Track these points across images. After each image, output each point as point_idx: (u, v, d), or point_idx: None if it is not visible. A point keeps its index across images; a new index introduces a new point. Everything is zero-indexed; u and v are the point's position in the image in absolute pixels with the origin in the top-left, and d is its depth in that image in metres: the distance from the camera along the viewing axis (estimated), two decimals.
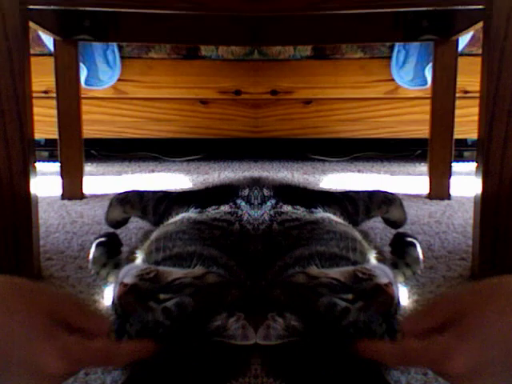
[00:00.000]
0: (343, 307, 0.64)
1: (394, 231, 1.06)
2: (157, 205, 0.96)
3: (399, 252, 0.95)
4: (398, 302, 0.70)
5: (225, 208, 0.87)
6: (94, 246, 0.96)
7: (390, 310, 0.66)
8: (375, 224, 1.14)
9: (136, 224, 1.16)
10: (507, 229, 0.94)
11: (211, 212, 0.86)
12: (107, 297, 0.86)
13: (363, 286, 0.66)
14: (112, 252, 0.96)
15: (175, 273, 0.70)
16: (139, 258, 0.81)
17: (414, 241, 0.95)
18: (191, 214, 0.87)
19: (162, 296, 0.66)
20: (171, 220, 0.89)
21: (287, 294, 0.70)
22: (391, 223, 1.02)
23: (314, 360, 0.62)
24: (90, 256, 0.95)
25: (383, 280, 0.67)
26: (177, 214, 0.90)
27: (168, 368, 0.61)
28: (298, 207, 0.87)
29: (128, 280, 0.68)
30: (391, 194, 1.02)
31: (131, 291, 0.67)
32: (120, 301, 0.67)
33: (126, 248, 0.97)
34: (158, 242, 0.80)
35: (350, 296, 0.66)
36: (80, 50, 1.54)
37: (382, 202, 0.99)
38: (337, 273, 0.69)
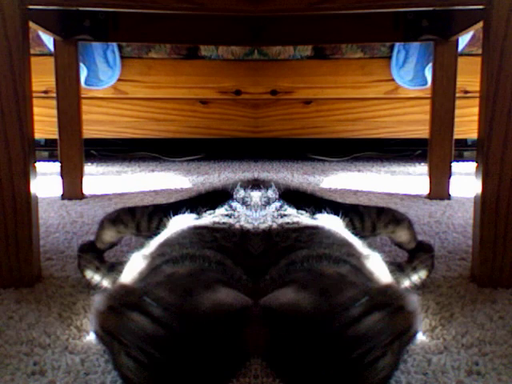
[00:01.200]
0: (355, 316, 0.62)
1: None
2: (150, 219, 0.94)
3: (410, 257, 0.94)
4: (413, 337, 0.66)
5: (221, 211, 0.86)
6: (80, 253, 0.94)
7: (400, 337, 0.63)
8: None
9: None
10: (507, 229, 0.94)
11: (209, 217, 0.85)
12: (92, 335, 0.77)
13: (388, 301, 0.64)
14: (101, 257, 0.95)
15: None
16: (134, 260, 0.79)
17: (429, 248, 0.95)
18: (189, 220, 0.86)
19: (142, 301, 0.62)
20: (169, 228, 0.87)
21: (309, 278, 0.67)
22: (398, 244, 0.99)
23: (314, 360, 0.62)
24: (80, 264, 0.94)
25: (410, 306, 0.65)
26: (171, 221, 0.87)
27: (168, 368, 0.61)
28: (302, 212, 0.87)
29: (100, 306, 0.64)
30: (401, 214, 0.99)
31: (109, 313, 0.63)
32: (103, 328, 0.63)
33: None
34: (157, 248, 0.79)
35: (370, 302, 0.63)
36: (80, 49, 1.54)
37: (389, 221, 0.96)
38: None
